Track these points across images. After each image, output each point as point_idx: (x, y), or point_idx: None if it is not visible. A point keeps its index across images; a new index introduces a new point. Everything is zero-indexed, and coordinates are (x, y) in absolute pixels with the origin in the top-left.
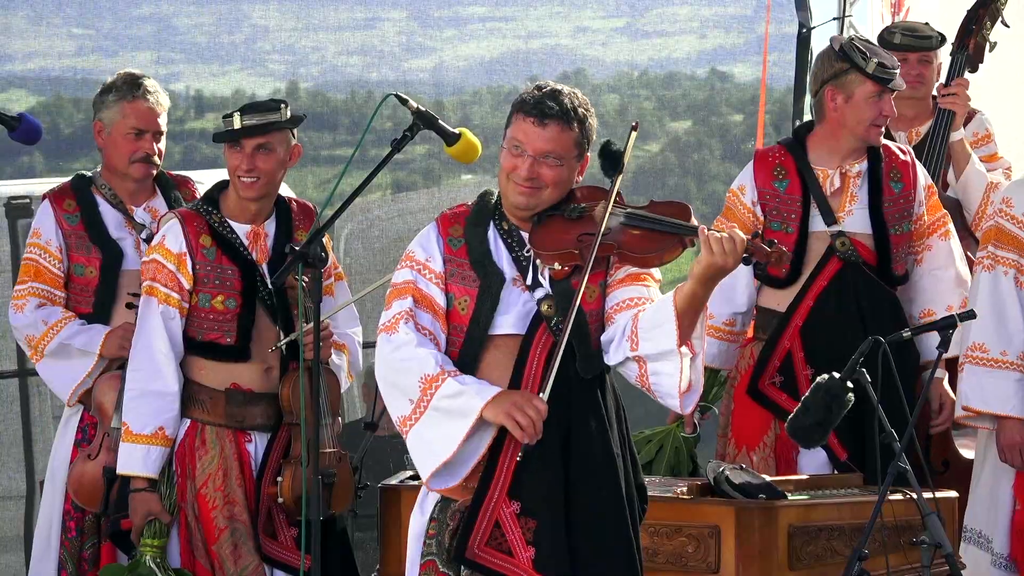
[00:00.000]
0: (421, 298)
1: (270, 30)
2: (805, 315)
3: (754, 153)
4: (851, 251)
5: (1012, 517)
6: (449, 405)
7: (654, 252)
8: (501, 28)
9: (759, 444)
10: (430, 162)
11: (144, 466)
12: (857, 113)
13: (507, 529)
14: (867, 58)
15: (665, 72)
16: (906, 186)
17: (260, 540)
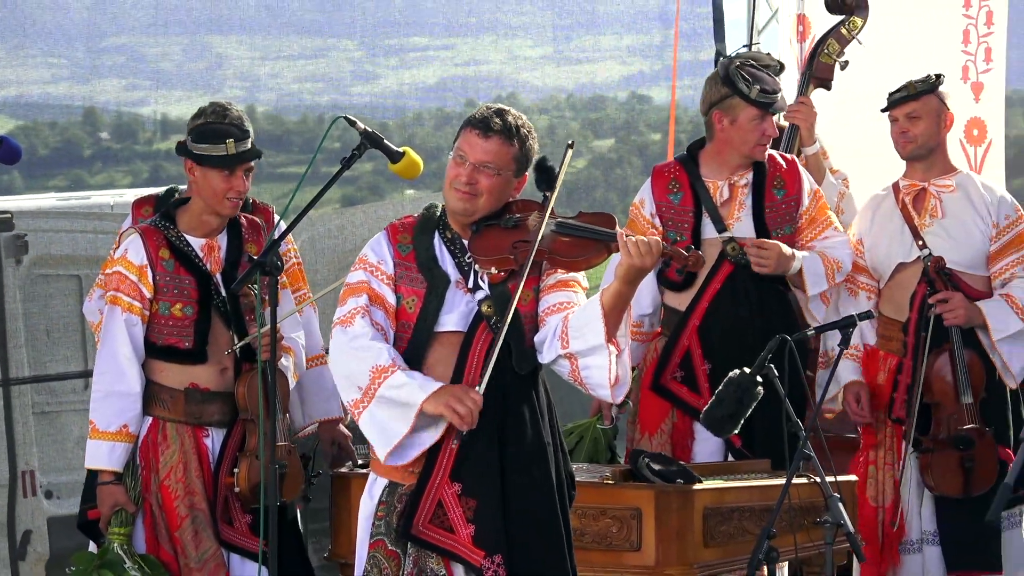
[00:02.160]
0: (375, 296)
1: (230, 59)
2: (702, 315)
3: (652, 169)
4: (740, 255)
5: None
6: (395, 395)
7: (582, 257)
8: (441, 56)
9: (657, 431)
10: (376, 178)
11: (110, 461)
12: (742, 135)
13: (449, 508)
14: (750, 85)
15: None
16: (789, 192)
17: (218, 526)
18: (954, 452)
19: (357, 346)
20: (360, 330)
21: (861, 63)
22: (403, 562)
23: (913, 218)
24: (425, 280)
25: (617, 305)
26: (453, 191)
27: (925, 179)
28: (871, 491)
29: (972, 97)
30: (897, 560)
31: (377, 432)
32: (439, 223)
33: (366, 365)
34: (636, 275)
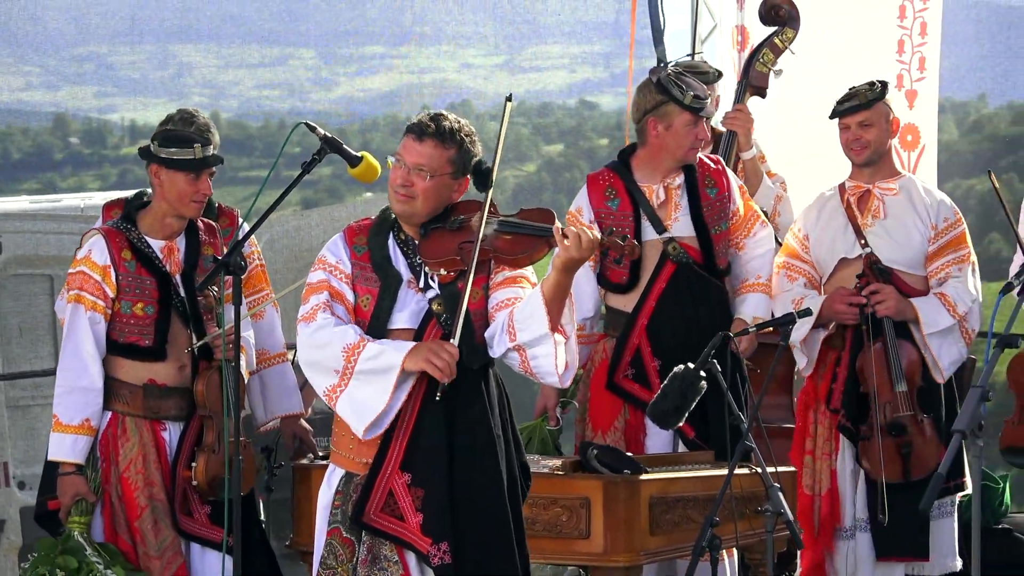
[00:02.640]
0: (335, 293)
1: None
2: (649, 314)
3: (587, 177)
4: (682, 254)
5: None
6: (373, 365)
7: (524, 253)
8: (397, 64)
9: (611, 428)
10: (335, 182)
11: (72, 453)
12: (677, 139)
13: (399, 497)
14: (684, 91)
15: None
16: (720, 190)
17: (177, 517)
18: (890, 439)
19: (322, 334)
20: (322, 322)
21: (801, 72)
22: (358, 549)
23: (857, 218)
24: (379, 279)
25: (557, 295)
26: (392, 193)
27: (870, 181)
28: (808, 480)
29: (906, 104)
30: (832, 546)
31: (355, 410)
32: (393, 225)
33: (336, 348)
34: (572, 265)
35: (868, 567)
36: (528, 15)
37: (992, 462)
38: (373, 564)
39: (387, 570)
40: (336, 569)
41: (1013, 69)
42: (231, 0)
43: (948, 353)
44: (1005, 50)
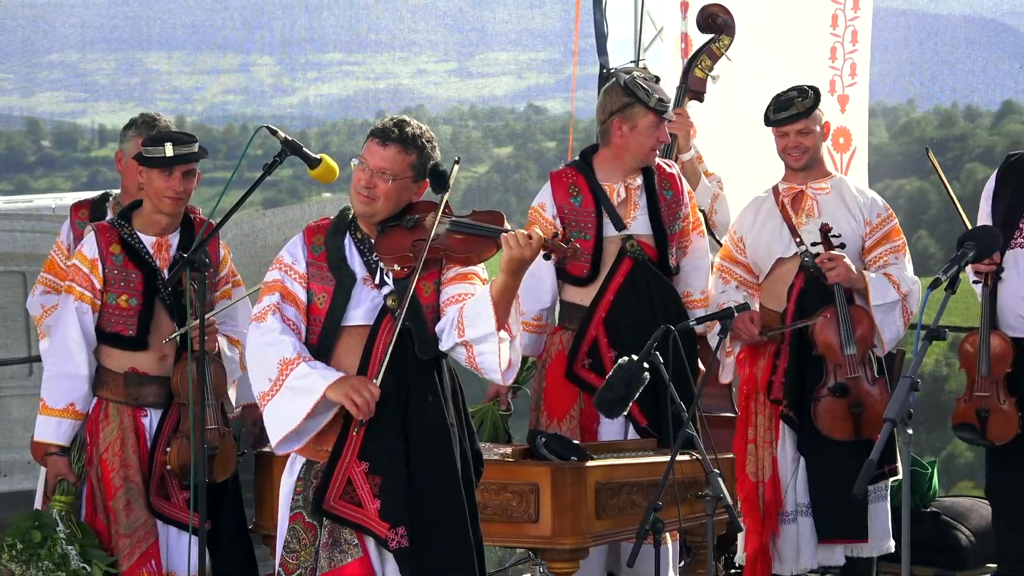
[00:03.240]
0: (287, 294)
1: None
2: (607, 307)
3: (550, 175)
4: (639, 251)
5: None
6: (299, 384)
7: (474, 252)
8: (354, 71)
9: (567, 416)
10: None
11: (56, 435)
12: (640, 140)
13: (358, 485)
14: (649, 95)
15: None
16: (675, 193)
17: (152, 499)
18: (838, 399)
19: (267, 340)
20: (271, 325)
21: (739, 78)
22: (319, 533)
23: (791, 217)
24: (334, 278)
25: (504, 295)
26: (355, 194)
27: (804, 182)
28: (751, 467)
29: (839, 108)
30: (776, 530)
31: (276, 420)
32: (351, 224)
33: (275, 358)
34: (518, 266)
35: (810, 549)
36: (477, 23)
37: (920, 449)
38: (334, 547)
39: (347, 553)
40: (299, 552)
41: (940, 75)
42: (196, 10)
43: (889, 328)
44: (932, 56)
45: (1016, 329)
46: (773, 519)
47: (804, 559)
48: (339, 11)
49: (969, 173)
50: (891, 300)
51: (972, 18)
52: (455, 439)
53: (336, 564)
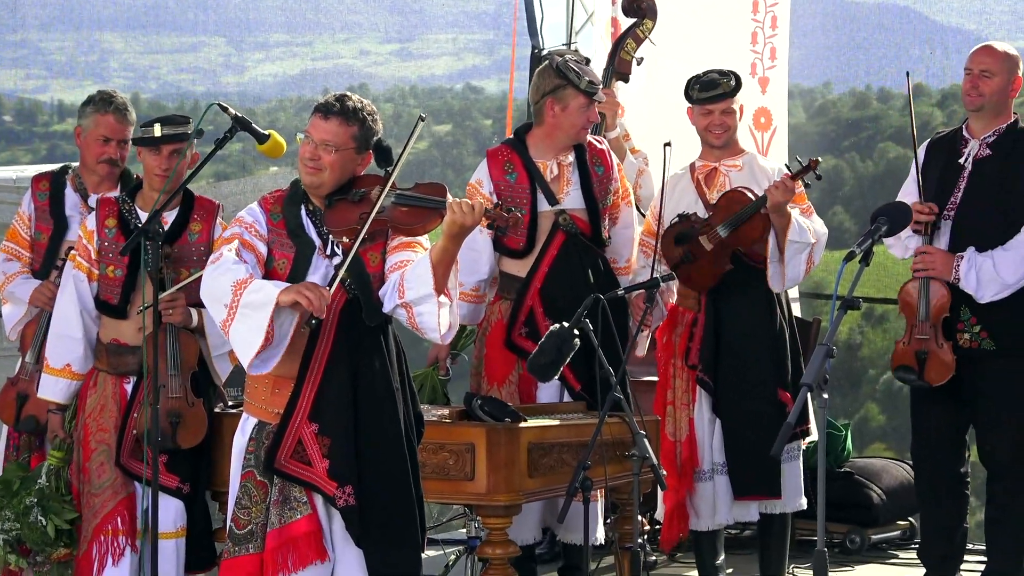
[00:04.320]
0: (246, 243)
1: (118, 52)
2: (542, 279)
3: (486, 152)
4: (571, 225)
5: None
6: (254, 299)
7: (419, 224)
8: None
9: (506, 381)
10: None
11: (54, 393)
12: (571, 120)
13: (308, 445)
14: (580, 76)
15: (429, 86)
16: (606, 168)
17: (126, 461)
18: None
19: (221, 270)
20: (224, 260)
21: (665, 60)
22: (270, 490)
23: (705, 193)
24: (294, 245)
25: (443, 259)
26: (302, 166)
27: (718, 160)
28: (670, 427)
29: (759, 90)
30: (693, 487)
31: (241, 342)
32: (304, 197)
33: (227, 282)
34: (459, 232)
35: (726, 506)
36: (416, 6)
37: (835, 412)
38: (284, 504)
39: (296, 510)
40: (250, 509)
41: (855, 59)
42: None
43: (793, 268)
44: (848, 41)
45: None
46: (689, 477)
47: (720, 515)
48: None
49: (882, 152)
50: (805, 241)
51: (885, 5)
52: (399, 403)
53: (286, 520)
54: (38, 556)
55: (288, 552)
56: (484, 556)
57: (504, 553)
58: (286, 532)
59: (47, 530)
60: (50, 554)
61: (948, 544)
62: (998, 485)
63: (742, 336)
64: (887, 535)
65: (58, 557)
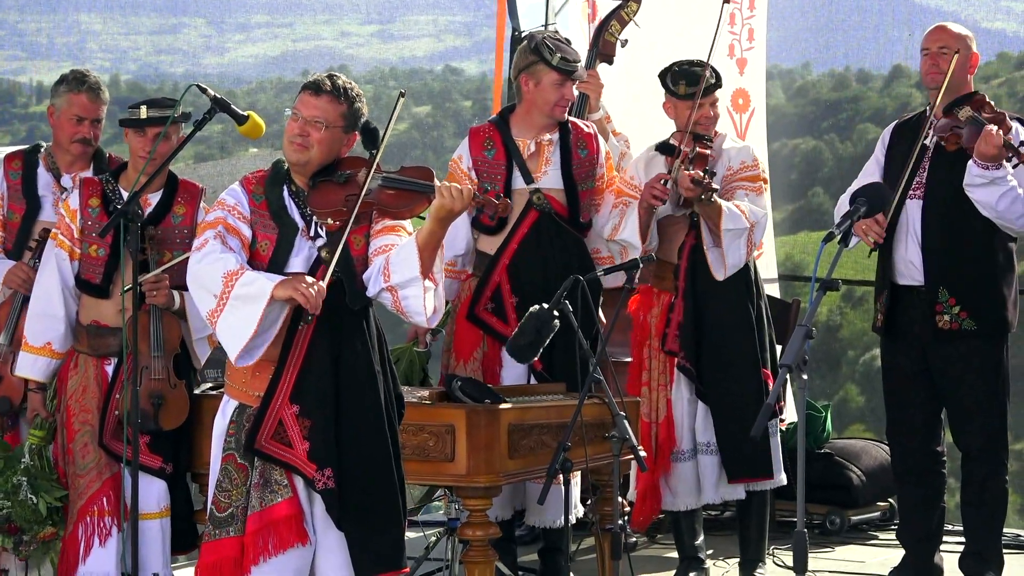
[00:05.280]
0: (230, 228)
1: (97, 34)
2: (511, 256)
3: (469, 130)
4: (545, 204)
5: None
6: (246, 292)
7: (405, 207)
8: (280, 32)
9: (471, 358)
10: (224, 138)
11: (32, 371)
12: (544, 95)
13: (288, 427)
14: (552, 53)
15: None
16: (590, 152)
17: (108, 441)
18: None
19: (209, 260)
20: (211, 248)
21: (644, 42)
22: (251, 473)
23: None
24: (277, 227)
25: (430, 243)
26: (289, 144)
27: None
28: (645, 409)
29: (737, 71)
30: (668, 468)
31: (230, 334)
32: (286, 177)
33: (218, 272)
34: (447, 216)
35: (712, 485)
36: None
37: (814, 393)
38: (264, 487)
39: (277, 493)
40: (231, 492)
41: (834, 40)
42: None
43: (733, 255)
44: (827, 23)
45: (905, 276)
46: (665, 458)
47: (706, 494)
48: None
49: (861, 133)
50: (740, 227)
51: None
52: (381, 385)
53: (267, 503)
54: (24, 535)
55: (269, 535)
56: (465, 537)
57: (484, 535)
58: (267, 515)
59: (38, 507)
60: (37, 533)
61: (926, 524)
62: (972, 466)
63: (723, 319)
64: (867, 516)
65: (44, 536)
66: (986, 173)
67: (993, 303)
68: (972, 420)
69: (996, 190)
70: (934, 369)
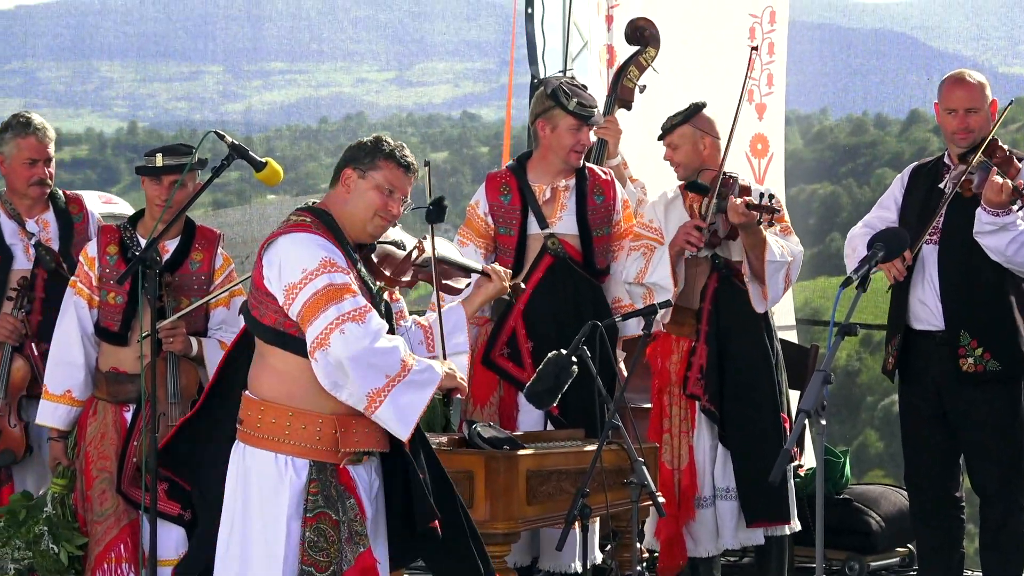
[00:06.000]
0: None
1: (115, 81)
2: (525, 301)
3: (487, 175)
4: (560, 249)
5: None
6: (419, 378)
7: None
8: (297, 79)
9: (488, 403)
10: (242, 185)
11: (53, 419)
12: (560, 141)
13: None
14: (569, 98)
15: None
16: (607, 199)
17: (127, 488)
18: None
19: (386, 339)
20: (379, 323)
21: (664, 87)
22: (342, 527)
23: (696, 215)
24: (367, 289)
25: (473, 317)
26: (378, 219)
27: None
28: (667, 456)
29: (756, 116)
30: (692, 514)
31: (399, 415)
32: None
33: (396, 356)
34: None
35: (730, 530)
36: (417, 34)
37: (833, 439)
38: (351, 538)
39: (359, 544)
40: (328, 550)
41: (852, 85)
42: (148, 21)
43: (774, 288)
44: (845, 68)
45: (921, 320)
46: (689, 505)
47: (725, 540)
48: (282, 23)
49: (879, 178)
50: (782, 261)
51: (882, 32)
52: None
53: (355, 554)
54: None
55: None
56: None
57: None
58: (359, 566)
59: (59, 556)
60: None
61: (945, 569)
62: (989, 511)
63: (744, 361)
64: (886, 562)
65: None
66: (995, 220)
67: (1013, 343)
68: (989, 461)
69: (1006, 236)
70: (953, 412)
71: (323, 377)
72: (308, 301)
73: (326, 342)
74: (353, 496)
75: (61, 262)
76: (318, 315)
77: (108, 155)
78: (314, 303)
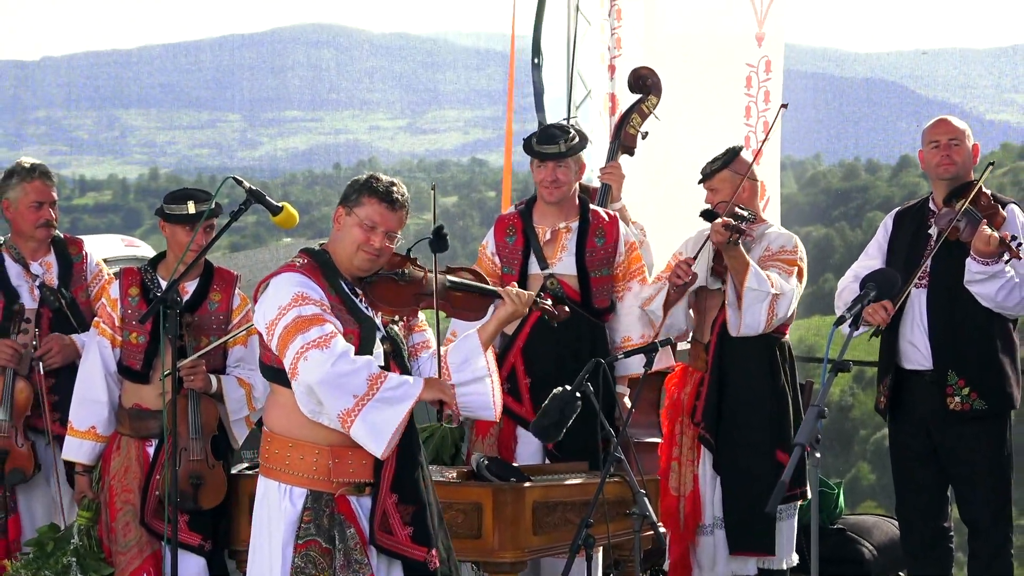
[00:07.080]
0: (335, 326)
1: (136, 128)
2: (525, 338)
3: (496, 218)
4: (558, 288)
5: None
6: (391, 395)
7: (471, 310)
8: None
9: (488, 434)
10: (259, 228)
11: (79, 454)
12: (535, 179)
13: (390, 515)
14: (531, 139)
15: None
16: (608, 241)
17: (150, 521)
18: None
19: (348, 360)
20: (344, 346)
21: (664, 134)
22: (336, 555)
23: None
24: (356, 321)
25: (489, 342)
26: (362, 253)
27: None
28: (673, 482)
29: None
30: (696, 541)
31: (373, 433)
32: (336, 272)
33: (363, 375)
34: (512, 319)
35: (723, 559)
36: (429, 84)
37: (827, 471)
38: (348, 567)
39: (360, 572)
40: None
41: (844, 132)
42: (167, 71)
43: (751, 315)
44: (837, 115)
45: (911, 360)
46: (692, 530)
47: (719, 568)
48: (302, 72)
49: (870, 221)
50: (763, 289)
51: (873, 80)
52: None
53: None
54: None
55: None
56: None
57: None
58: None
59: None
60: None
61: None
62: (978, 542)
63: (744, 395)
64: None
65: None
66: (985, 269)
67: (1000, 382)
68: (978, 495)
69: (995, 283)
70: (942, 448)
71: (302, 405)
72: (280, 335)
73: (295, 371)
74: (354, 525)
75: (63, 301)
76: (288, 347)
77: (131, 199)
78: (284, 336)
